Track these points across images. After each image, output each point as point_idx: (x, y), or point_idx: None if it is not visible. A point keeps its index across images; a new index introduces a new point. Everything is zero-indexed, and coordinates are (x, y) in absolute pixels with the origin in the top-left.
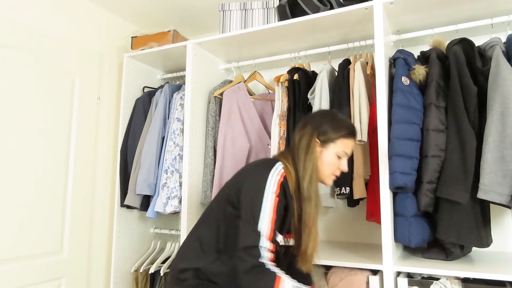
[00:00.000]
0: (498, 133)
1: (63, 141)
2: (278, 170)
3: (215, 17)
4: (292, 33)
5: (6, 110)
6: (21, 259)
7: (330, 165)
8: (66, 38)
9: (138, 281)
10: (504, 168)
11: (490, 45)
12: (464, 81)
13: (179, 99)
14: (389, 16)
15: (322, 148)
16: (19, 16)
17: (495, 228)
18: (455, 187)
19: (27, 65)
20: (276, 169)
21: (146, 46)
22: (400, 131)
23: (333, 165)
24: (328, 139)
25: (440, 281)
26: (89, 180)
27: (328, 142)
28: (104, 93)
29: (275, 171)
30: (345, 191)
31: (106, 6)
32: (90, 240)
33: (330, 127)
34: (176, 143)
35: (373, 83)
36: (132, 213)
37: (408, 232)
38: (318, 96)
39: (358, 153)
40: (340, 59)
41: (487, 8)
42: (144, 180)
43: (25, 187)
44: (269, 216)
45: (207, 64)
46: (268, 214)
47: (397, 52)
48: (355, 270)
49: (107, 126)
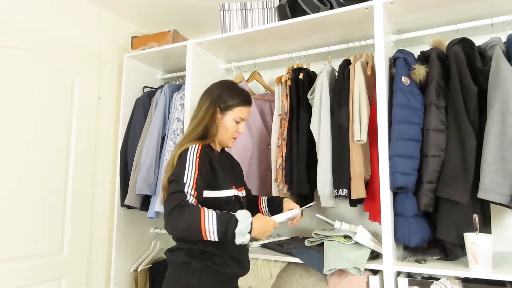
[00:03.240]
0: (498, 133)
1: (63, 141)
2: (193, 144)
3: (215, 17)
4: (292, 33)
5: (6, 110)
6: (21, 259)
7: (229, 130)
8: (66, 38)
9: (138, 281)
10: (504, 168)
11: (490, 45)
12: (464, 81)
13: (179, 99)
14: (389, 16)
15: (222, 114)
16: (19, 16)
17: (495, 228)
18: (455, 187)
19: (27, 65)
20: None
21: (146, 46)
22: (400, 131)
23: (232, 129)
24: (226, 107)
25: (440, 281)
26: (89, 180)
27: (226, 110)
28: (104, 93)
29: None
30: (342, 193)
31: (106, 6)
32: (90, 240)
33: (228, 96)
34: (176, 143)
35: (373, 83)
36: (132, 213)
37: (408, 232)
38: (318, 96)
39: (357, 153)
40: (340, 59)
41: (487, 8)
42: (144, 180)
43: (25, 187)
44: (191, 172)
45: (207, 64)
46: (191, 170)
47: (397, 52)
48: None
49: (107, 126)
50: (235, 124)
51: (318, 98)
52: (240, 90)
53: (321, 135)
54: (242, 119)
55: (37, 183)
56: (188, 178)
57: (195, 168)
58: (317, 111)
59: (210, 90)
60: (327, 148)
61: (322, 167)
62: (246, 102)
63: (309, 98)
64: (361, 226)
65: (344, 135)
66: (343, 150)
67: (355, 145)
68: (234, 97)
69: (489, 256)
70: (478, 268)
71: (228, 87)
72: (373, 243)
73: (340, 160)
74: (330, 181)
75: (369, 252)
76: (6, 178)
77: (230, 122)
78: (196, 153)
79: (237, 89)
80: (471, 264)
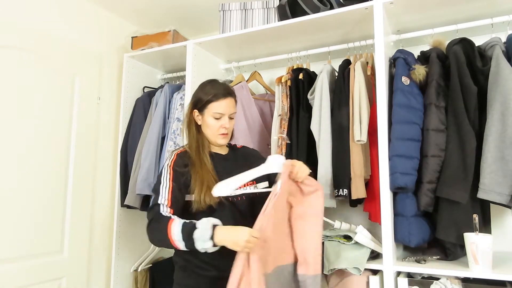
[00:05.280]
0: (498, 133)
1: (63, 141)
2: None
3: (215, 17)
4: (292, 33)
5: (6, 110)
6: (21, 259)
7: (211, 127)
8: (66, 38)
9: (138, 281)
10: (504, 168)
11: (490, 45)
12: (464, 81)
13: (179, 99)
14: (389, 16)
15: (201, 115)
16: (19, 16)
17: (495, 228)
18: (455, 187)
19: (27, 65)
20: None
21: (146, 46)
22: (400, 131)
23: (213, 126)
24: (202, 106)
25: (440, 281)
26: (89, 180)
27: (202, 109)
28: (104, 93)
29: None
30: (342, 193)
31: (106, 6)
32: (90, 240)
33: (200, 95)
34: (176, 143)
35: (373, 83)
36: (132, 213)
37: (408, 232)
38: (318, 96)
39: (357, 153)
40: (340, 59)
41: (487, 8)
42: (144, 180)
43: (25, 187)
44: (165, 184)
45: (207, 64)
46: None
47: (397, 52)
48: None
49: (107, 126)
50: (215, 121)
51: (318, 98)
52: (213, 85)
53: (321, 135)
54: (221, 114)
55: (37, 183)
56: (163, 190)
57: (169, 180)
58: (317, 111)
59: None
60: (327, 148)
61: (322, 167)
62: (219, 96)
63: (309, 98)
64: (361, 226)
65: (344, 135)
66: (343, 150)
67: (355, 145)
68: (206, 94)
69: (489, 256)
70: (478, 268)
71: (202, 85)
72: (373, 243)
73: (340, 160)
74: (330, 181)
75: (369, 252)
76: (6, 178)
77: (208, 120)
78: (170, 164)
79: (211, 85)
80: (471, 264)
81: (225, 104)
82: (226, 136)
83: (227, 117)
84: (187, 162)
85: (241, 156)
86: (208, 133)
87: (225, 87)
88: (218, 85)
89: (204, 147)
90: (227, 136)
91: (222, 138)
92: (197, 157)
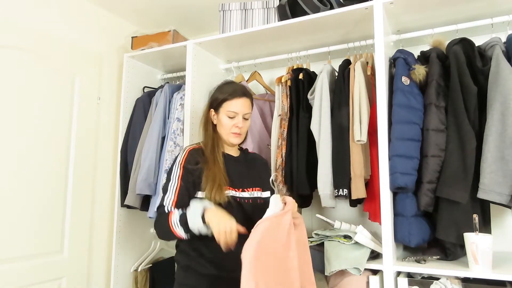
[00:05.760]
0: (498, 133)
1: (63, 141)
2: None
3: (215, 17)
4: (292, 33)
5: (6, 110)
6: (21, 259)
7: (224, 126)
8: (66, 38)
9: (138, 281)
10: (504, 168)
11: (490, 45)
12: (464, 81)
13: (179, 99)
14: (389, 16)
15: (216, 114)
16: (19, 16)
17: (495, 228)
18: (455, 187)
19: (27, 65)
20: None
21: (146, 46)
22: (400, 131)
23: (226, 125)
24: (217, 105)
25: (440, 281)
26: (89, 180)
27: (218, 108)
28: (104, 93)
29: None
30: (342, 193)
31: (106, 6)
32: (90, 240)
33: (217, 95)
34: (176, 143)
35: (373, 83)
36: (132, 213)
37: (408, 232)
38: (318, 96)
39: (357, 153)
40: (340, 59)
41: (487, 8)
42: (144, 180)
43: (25, 187)
44: (174, 183)
45: (207, 64)
46: (174, 182)
47: (397, 52)
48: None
49: (107, 126)
50: (229, 120)
51: (318, 98)
52: (230, 85)
53: (321, 135)
54: (235, 113)
55: (37, 183)
56: (171, 189)
57: (177, 178)
58: (317, 111)
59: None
60: (327, 148)
61: (322, 167)
62: (234, 95)
63: (309, 98)
64: (361, 226)
65: (344, 135)
66: (343, 150)
67: (355, 145)
68: (222, 93)
69: (489, 256)
70: (478, 268)
71: (219, 86)
72: (373, 243)
73: (340, 160)
74: (330, 181)
75: (369, 252)
76: (6, 178)
77: (223, 119)
78: (181, 161)
79: (228, 85)
80: (471, 264)
81: (240, 104)
82: (239, 136)
83: (241, 116)
84: (199, 160)
85: (251, 161)
86: (222, 132)
87: (241, 87)
88: (234, 85)
89: (218, 147)
90: (240, 137)
91: (235, 137)
92: (211, 156)
